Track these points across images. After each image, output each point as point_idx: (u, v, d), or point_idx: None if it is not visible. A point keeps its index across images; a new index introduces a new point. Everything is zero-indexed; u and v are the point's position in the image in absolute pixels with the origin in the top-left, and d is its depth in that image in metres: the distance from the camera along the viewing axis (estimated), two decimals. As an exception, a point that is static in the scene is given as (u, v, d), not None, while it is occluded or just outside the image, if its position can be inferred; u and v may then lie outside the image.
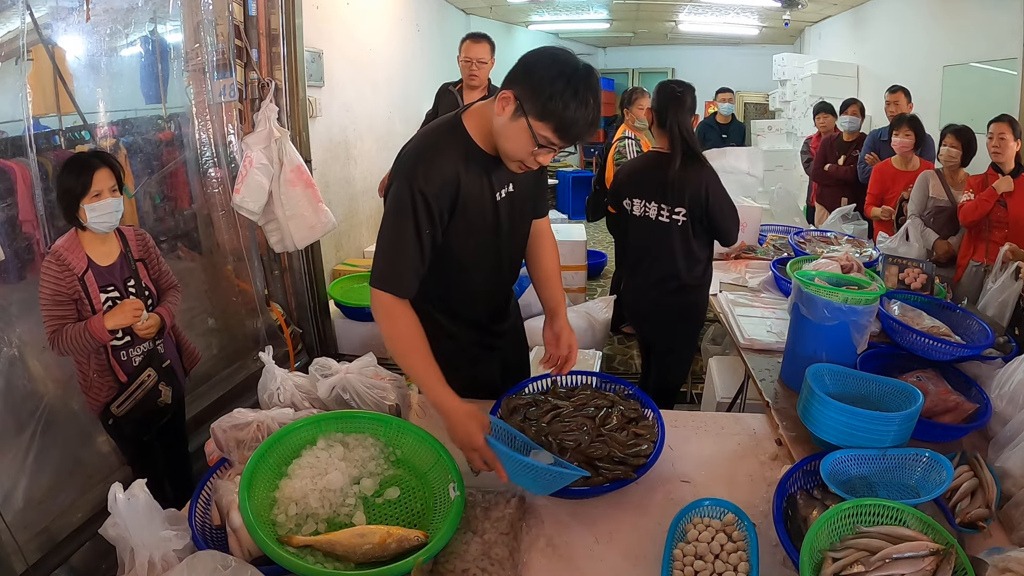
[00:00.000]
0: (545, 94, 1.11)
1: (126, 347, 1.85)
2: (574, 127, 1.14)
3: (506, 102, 1.16)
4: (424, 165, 1.22)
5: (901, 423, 1.16)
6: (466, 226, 1.29)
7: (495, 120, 1.19)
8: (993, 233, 2.67)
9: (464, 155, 1.25)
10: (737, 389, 2.42)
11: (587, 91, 1.12)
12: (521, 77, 1.15)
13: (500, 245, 1.39)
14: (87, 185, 1.70)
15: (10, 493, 1.87)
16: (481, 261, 1.39)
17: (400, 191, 1.22)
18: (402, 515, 1.10)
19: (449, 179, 1.23)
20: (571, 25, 8.45)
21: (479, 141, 1.26)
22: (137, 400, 1.86)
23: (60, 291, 1.72)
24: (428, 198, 1.21)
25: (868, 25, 6.19)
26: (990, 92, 4.09)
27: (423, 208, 1.21)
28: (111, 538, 0.94)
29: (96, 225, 1.75)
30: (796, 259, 2.29)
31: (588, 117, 1.14)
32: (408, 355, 1.23)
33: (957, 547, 0.91)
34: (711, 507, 1.10)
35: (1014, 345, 1.70)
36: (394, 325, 1.23)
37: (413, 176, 1.21)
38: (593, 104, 1.13)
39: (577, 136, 1.16)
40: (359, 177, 4.61)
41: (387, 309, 1.23)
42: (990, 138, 2.67)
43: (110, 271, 1.82)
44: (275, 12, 3.03)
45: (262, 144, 2.87)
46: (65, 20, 2.19)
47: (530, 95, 1.13)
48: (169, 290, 1.98)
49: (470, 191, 1.26)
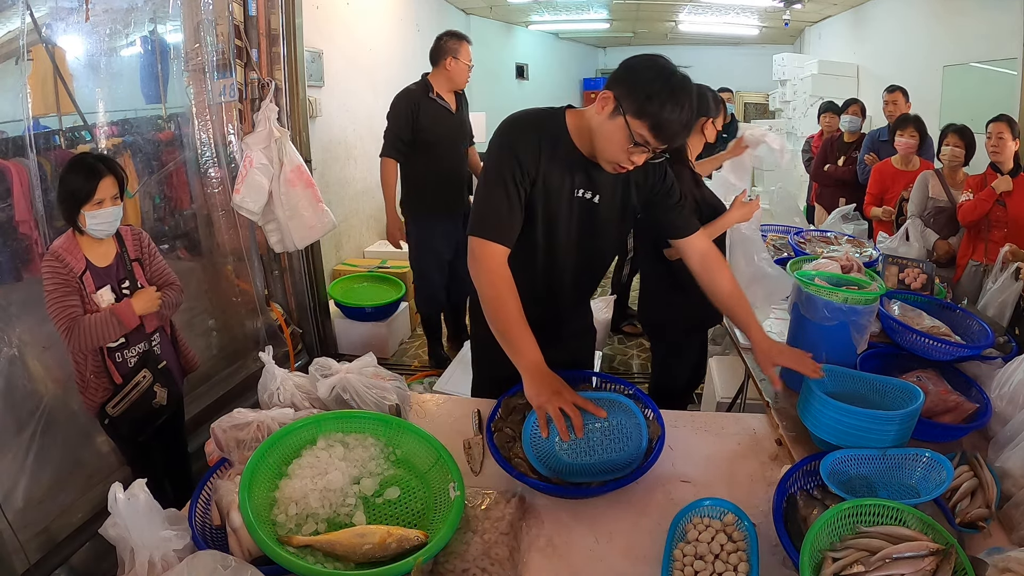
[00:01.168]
0: (644, 94, 1.17)
1: (121, 348, 1.85)
2: (669, 127, 1.19)
3: (606, 101, 1.22)
4: (518, 130, 1.32)
5: (901, 423, 1.16)
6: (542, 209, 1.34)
7: (593, 119, 1.26)
8: (992, 233, 2.67)
9: (554, 142, 1.31)
10: (737, 389, 2.42)
11: (684, 95, 1.18)
12: (622, 78, 1.21)
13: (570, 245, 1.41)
14: (91, 193, 1.70)
15: (10, 493, 1.87)
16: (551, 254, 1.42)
17: (495, 151, 1.31)
18: (402, 515, 1.10)
19: (534, 151, 1.30)
20: (571, 25, 8.46)
21: (574, 137, 1.32)
22: (132, 401, 1.86)
23: (67, 282, 1.72)
24: (519, 159, 1.28)
25: (868, 25, 6.19)
26: (990, 92, 4.09)
27: (517, 167, 1.28)
28: (111, 538, 0.94)
29: (94, 231, 1.75)
30: (796, 259, 2.29)
31: (683, 119, 1.19)
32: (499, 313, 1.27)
33: (957, 547, 0.91)
34: (711, 507, 1.10)
35: (1014, 345, 1.69)
36: (494, 281, 1.28)
37: (507, 137, 1.31)
38: (688, 108, 1.18)
39: (672, 137, 1.20)
40: (359, 177, 4.61)
41: (489, 256, 1.28)
42: (988, 138, 2.67)
43: (107, 272, 1.82)
44: (275, 12, 3.03)
45: (262, 144, 2.87)
46: (65, 20, 2.19)
47: (629, 94, 1.19)
48: (167, 287, 1.97)
49: (548, 174, 1.31)
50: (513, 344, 1.26)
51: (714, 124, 2.15)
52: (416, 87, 3.07)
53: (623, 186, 1.40)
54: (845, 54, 6.59)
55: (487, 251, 1.28)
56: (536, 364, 1.24)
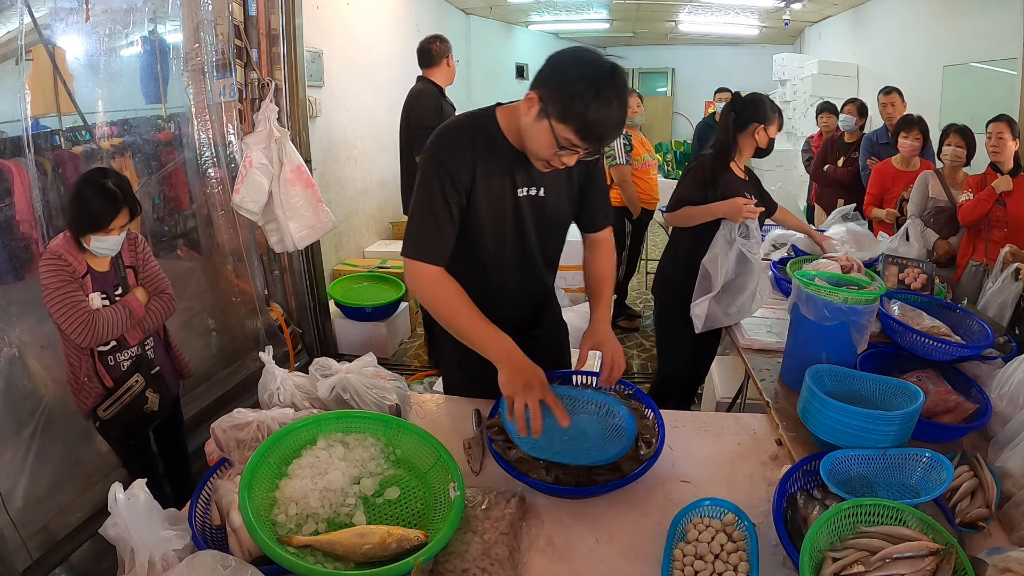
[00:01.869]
0: (567, 95, 1.10)
1: (113, 352, 1.85)
2: (596, 128, 1.12)
3: (531, 103, 1.16)
4: (447, 140, 1.27)
5: (901, 423, 1.16)
6: (484, 215, 1.30)
7: (522, 119, 1.20)
8: (992, 232, 2.67)
9: (488, 143, 1.27)
10: (737, 389, 2.43)
11: (611, 91, 1.10)
12: (546, 78, 1.15)
13: (525, 245, 1.39)
14: (106, 224, 1.72)
15: (10, 492, 1.87)
16: (505, 259, 1.39)
17: (425, 165, 1.27)
18: (402, 515, 1.10)
19: (467, 159, 1.26)
20: (571, 25, 8.46)
21: (509, 136, 1.28)
22: (124, 405, 1.86)
23: (71, 279, 1.72)
24: (450, 171, 1.24)
25: (868, 25, 6.20)
26: (990, 92, 4.09)
27: (448, 180, 1.24)
28: (111, 538, 0.94)
29: (96, 252, 1.77)
30: (796, 259, 2.29)
31: (611, 119, 1.12)
32: (454, 319, 1.26)
33: (957, 547, 0.91)
34: (711, 507, 1.10)
35: (1014, 345, 1.69)
36: (434, 290, 1.27)
37: (436, 149, 1.26)
38: (617, 105, 1.11)
39: (600, 137, 1.15)
40: (359, 177, 4.61)
41: (424, 276, 1.27)
42: (988, 138, 2.67)
43: (104, 277, 1.83)
44: (275, 12, 3.03)
45: (262, 144, 2.87)
46: (65, 20, 2.19)
47: (553, 96, 1.12)
48: (158, 295, 1.94)
49: (486, 179, 1.27)
50: (476, 340, 1.24)
51: (767, 131, 2.19)
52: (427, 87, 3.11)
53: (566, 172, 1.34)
54: (845, 54, 6.59)
55: (418, 271, 1.27)
56: (506, 351, 1.20)
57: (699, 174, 2.17)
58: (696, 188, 2.16)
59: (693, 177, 2.19)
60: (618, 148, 3.55)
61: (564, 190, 1.39)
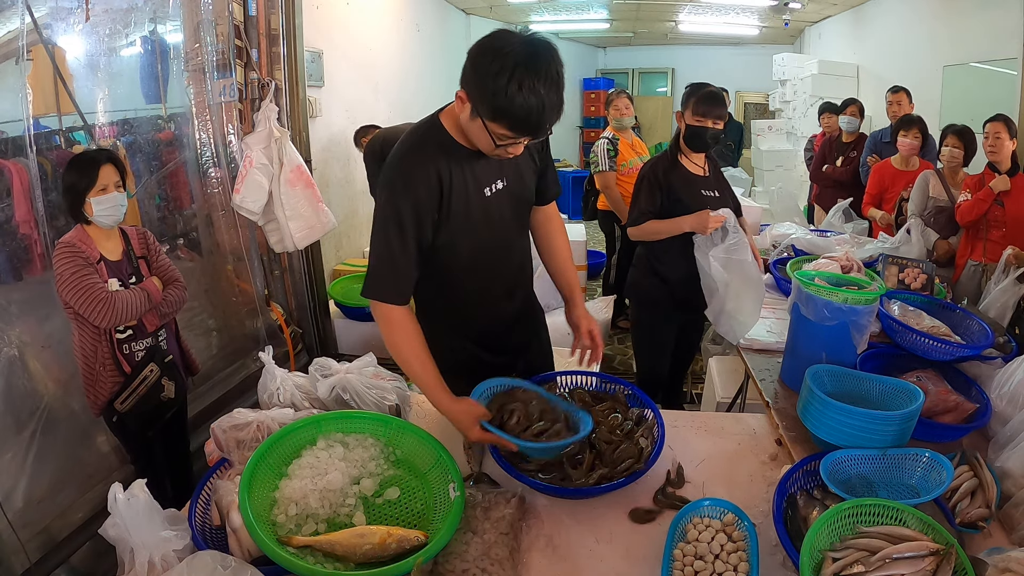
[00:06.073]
0: (489, 92, 1.06)
1: (129, 340, 1.88)
2: (528, 120, 1.08)
3: (461, 101, 1.13)
4: (405, 171, 1.22)
5: (901, 423, 1.16)
6: (459, 227, 1.27)
7: (460, 118, 1.17)
8: (991, 232, 2.67)
9: (445, 152, 1.23)
10: (737, 389, 2.42)
11: (534, 78, 1.04)
12: (468, 74, 1.11)
13: (497, 245, 1.36)
14: (93, 180, 1.74)
15: (10, 493, 1.87)
16: (484, 265, 1.36)
17: (384, 201, 1.23)
18: (402, 515, 1.11)
19: (432, 181, 1.21)
20: (571, 25, 8.45)
21: (459, 137, 1.24)
22: (140, 395, 1.88)
23: (87, 264, 1.74)
24: (412, 204, 1.20)
25: (868, 25, 6.19)
26: (990, 92, 4.09)
27: (409, 214, 1.20)
28: (111, 538, 0.94)
29: (102, 218, 1.78)
30: (796, 259, 2.29)
31: (540, 104, 1.06)
32: (409, 361, 1.26)
33: (957, 547, 0.91)
34: (711, 507, 1.10)
35: (1014, 345, 1.70)
36: (392, 332, 1.26)
37: (394, 185, 1.22)
38: (545, 89, 1.05)
39: (538, 125, 1.10)
40: (359, 177, 4.60)
41: (385, 317, 1.26)
42: (986, 138, 2.66)
43: (117, 266, 1.86)
44: (275, 12, 3.03)
45: (262, 144, 2.87)
46: (65, 20, 2.19)
47: (476, 95, 1.09)
48: (171, 284, 1.99)
49: (456, 188, 1.24)
50: (423, 387, 1.26)
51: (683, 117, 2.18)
52: None
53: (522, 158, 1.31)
54: (845, 54, 6.58)
55: (378, 312, 1.26)
56: (447, 407, 1.23)
57: (651, 179, 2.13)
58: (651, 195, 2.12)
59: (648, 185, 2.14)
60: (601, 155, 3.42)
61: (524, 171, 1.36)
